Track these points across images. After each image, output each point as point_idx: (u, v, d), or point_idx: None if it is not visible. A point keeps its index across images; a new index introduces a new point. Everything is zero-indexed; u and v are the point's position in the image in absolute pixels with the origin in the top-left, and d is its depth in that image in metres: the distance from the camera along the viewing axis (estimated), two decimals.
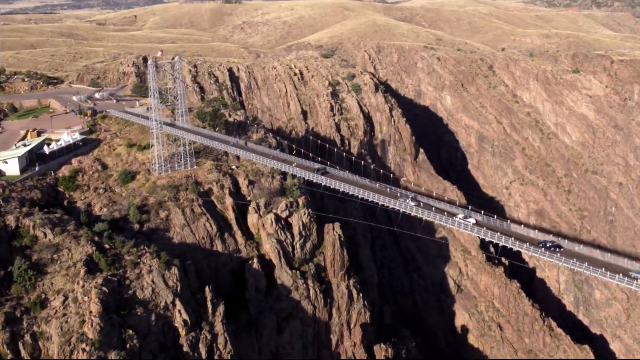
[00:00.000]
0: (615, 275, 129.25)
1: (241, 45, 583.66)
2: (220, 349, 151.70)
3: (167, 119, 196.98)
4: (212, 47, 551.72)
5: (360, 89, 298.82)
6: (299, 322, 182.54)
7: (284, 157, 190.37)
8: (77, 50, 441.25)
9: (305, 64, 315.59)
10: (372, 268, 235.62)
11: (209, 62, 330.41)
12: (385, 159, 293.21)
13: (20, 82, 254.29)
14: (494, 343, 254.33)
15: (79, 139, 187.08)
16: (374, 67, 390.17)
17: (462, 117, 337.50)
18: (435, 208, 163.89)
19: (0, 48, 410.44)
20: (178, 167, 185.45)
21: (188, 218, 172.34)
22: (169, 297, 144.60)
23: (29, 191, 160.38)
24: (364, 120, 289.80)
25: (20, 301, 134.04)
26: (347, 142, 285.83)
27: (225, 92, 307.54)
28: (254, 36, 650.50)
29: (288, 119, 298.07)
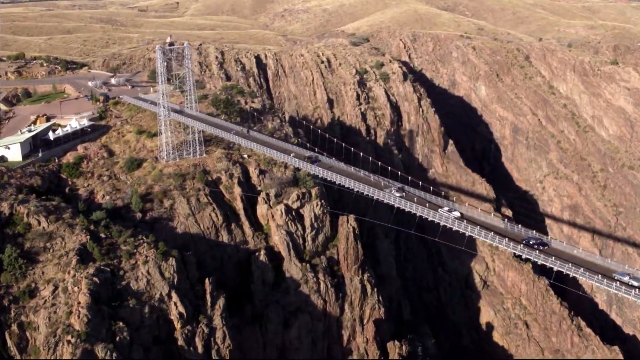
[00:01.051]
0: (594, 276, 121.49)
1: (280, 33, 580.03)
2: (219, 344, 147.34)
3: (176, 105, 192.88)
4: (250, 35, 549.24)
5: (389, 78, 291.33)
6: (308, 317, 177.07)
7: (284, 146, 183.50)
8: (110, 36, 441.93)
9: (334, 52, 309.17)
10: (391, 262, 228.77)
11: (236, 49, 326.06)
12: (412, 150, 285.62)
13: (39, 67, 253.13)
14: (519, 341, 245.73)
15: (87, 125, 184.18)
16: (409, 56, 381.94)
17: (497, 108, 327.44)
18: (418, 199, 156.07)
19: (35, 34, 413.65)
20: (187, 155, 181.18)
21: (193, 207, 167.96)
22: (164, 288, 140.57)
23: (29, 178, 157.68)
24: (391, 110, 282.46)
25: (9, 290, 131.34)
26: (373, 132, 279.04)
27: (252, 79, 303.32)
28: (293, 24, 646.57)
29: (314, 108, 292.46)
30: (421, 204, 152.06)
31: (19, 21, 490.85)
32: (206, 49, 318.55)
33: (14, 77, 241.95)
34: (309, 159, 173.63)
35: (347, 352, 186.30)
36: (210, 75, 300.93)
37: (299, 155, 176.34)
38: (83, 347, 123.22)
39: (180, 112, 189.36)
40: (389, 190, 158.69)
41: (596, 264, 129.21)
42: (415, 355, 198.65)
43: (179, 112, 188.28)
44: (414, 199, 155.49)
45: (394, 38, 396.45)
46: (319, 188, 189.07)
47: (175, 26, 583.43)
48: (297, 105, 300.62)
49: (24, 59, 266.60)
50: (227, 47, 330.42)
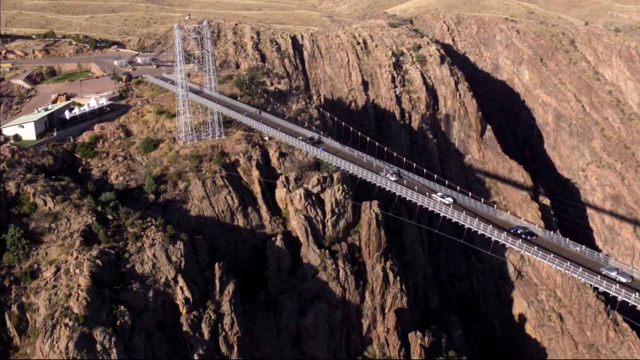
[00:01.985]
0: (577, 269, 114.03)
1: (326, 14, 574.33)
2: (226, 330, 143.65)
3: (196, 86, 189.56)
4: (295, 15, 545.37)
5: (425, 61, 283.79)
6: (326, 304, 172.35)
7: (294, 128, 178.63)
8: (152, 15, 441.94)
9: (370, 33, 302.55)
10: (418, 250, 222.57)
11: (272, 29, 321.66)
12: (449, 135, 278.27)
13: (67, 46, 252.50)
14: (552, 334, 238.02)
15: (105, 104, 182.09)
16: (453, 38, 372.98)
17: (540, 94, 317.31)
18: (412, 184, 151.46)
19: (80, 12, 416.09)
20: (205, 137, 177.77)
21: (208, 190, 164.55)
22: (170, 272, 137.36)
23: (40, 157, 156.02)
24: (427, 93, 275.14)
25: (11, 270, 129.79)
26: (408, 116, 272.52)
27: (287, 60, 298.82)
28: (341, 5, 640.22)
29: (349, 90, 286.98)
30: (416, 189, 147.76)
31: (64, 0, 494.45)
32: (242, 29, 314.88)
33: (41, 55, 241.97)
34: (310, 140, 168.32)
35: (366, 342, 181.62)
36: (245, 56, 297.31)
37: (305, 137, 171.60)
38: (81, 331, 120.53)
39: (199, 92, 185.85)
40: (384, 174, 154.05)
41: (585, 257, 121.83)
42: (439, 346, 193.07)
43: (197, 92, 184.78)
44: (409, 183, 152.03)
45: (437, 20, 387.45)
46: (341, 173, 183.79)
47: (221, 6, 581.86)
48: (332, 87, 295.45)
49: (53, 37, 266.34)
50: (264, 27, 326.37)
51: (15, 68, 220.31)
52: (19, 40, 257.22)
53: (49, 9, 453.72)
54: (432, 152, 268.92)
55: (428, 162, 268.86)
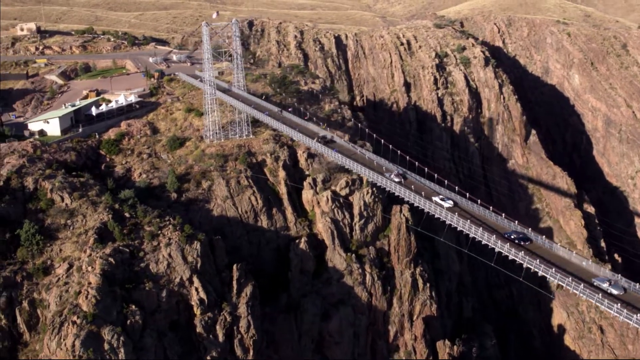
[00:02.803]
0: (565, 279, 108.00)
1: (380, 15, 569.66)
2: (242, 333, 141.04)
3: (225, 84, 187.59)
4: (348, 15, 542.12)
5: (470, 62, 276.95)
6: (351, 309, 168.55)
7: (313, 129, 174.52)
8: (202, 13, 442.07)
9: (415, 34, 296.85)
10: (452, 256, 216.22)
11: (316, 29, 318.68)
12: (492, 139, 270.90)
13: (105, 42, 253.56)
14: (592, 347, 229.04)
15: (134, 101, 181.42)
16: (503, 41, 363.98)
17: (589, 98, 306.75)
18: (415, 187, 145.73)
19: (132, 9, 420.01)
20: (232, 136, 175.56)
21: (232, 190, 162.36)
22: (185, 273, 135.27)
23: (63, 153, 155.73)
24: (470, 96, 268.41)
25: (24, 266, 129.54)
26: (450, 119, 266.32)
27: (330, 59, 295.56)
28: (395, 5, 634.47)
29: (391, 91, 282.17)
30: (413, 189, 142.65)
31: None
32: (285, 27, 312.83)
33: (78, 51, 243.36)
34: (322, 139, 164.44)
35: (393, 349, 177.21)
36: (288, 55, 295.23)
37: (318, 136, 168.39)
38: (89, 329, 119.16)
39: (228, 90, 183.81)
40: (388, 175, 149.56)
41: (579, 265, 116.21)
42: (469, 356, 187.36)
43: (225, 90, 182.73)
44: (415, 186, 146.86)
45: (488, 22, 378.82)
46: None
47: (274, 5, 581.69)
48: (374, 88, 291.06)
49: (92, 34, 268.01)
50: (308, 26, 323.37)
51: (51, 64, 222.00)
52: (58, 36, 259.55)
53: (101, 6, 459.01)
54: (474, 156, 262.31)
55: (469, 166, 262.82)
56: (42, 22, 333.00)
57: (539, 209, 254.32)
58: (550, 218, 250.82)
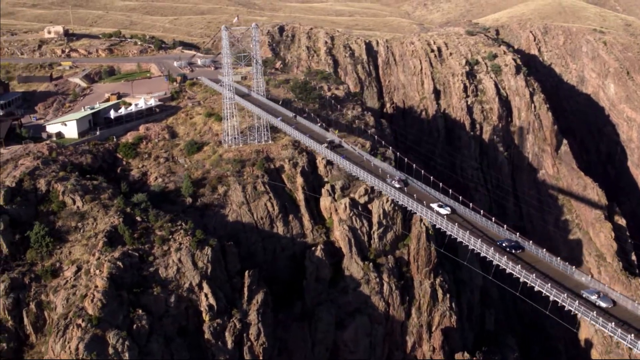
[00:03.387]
0: (552, 290, 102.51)
1: (418, 22, 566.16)
2: (252, 340, 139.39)
3: (245, 89, 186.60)
4: (385, 22, 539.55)
5: (500, 70, 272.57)
6: (367, 319, 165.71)
7: (325, 135, 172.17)
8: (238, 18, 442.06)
9: (446, 41, 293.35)
10: (476, 268, 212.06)
11: (347, 35, 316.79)
12: (522, 148, 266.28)
13: (132, 46, 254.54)
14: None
15: (154, 104, 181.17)
16: (539, 49, 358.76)
17: (625, 108, 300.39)
18: (416, 193, 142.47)
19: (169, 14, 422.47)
20: (251, 141, 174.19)
21: (248, 195, 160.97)
22: (195, 278, 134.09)
23: (79, 155, 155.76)
24: (500, 104, 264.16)
25: (33, 268, 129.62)
26: (479, 127, 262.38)
27: (360, 66, 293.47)
28: (434, 13, 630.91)
29: (420, 98, 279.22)
30: (419, 198, 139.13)
31: (156, 1, 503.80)
32: (316, 33, 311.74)
33: (104, 54, 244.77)
34: (330, 144, 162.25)
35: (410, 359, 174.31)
36: (318, 61, 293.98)
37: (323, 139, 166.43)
38: (93, 332, 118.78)
39: (247, 95, 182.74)
40: (390, 181, 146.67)
41: (569, 276, 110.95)
42: None
43: (244, 95, 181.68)
44: (415, 192, 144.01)
45: (524, 30, 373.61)
46: None
47: (312, 11, 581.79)
48: (404, 95, 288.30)
49: (119, 37, 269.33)
50: (339, 32, 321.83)
51: (75, 66, 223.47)
52: (85, 39, 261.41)
53: (138, 10, 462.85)
54: (502, 165, 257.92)
55: (498, 175, 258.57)
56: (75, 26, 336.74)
57: (569, 221, 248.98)
58: (580, 230, 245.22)
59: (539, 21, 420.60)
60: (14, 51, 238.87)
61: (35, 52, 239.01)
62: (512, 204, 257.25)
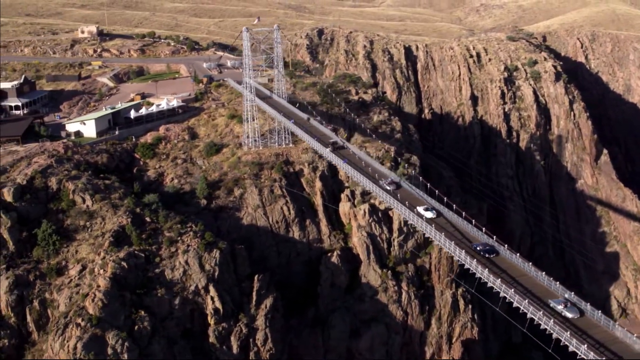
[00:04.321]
0: (515, 296, 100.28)
1: (469, 28, 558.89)
2: (258, 345, 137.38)
3: (267, 91, 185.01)
4: (434, 28, 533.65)
5: (540, 77, 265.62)
6: (384, 327, 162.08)
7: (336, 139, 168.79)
8: (284, 21, 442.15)
9: (486, 46, 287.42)
10: None
11: (386, 39, 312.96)
12: (560, 157, 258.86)
13: (164, 47, 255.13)
14: None
15: (176, 105, 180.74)
16: (586, 56, 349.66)
17: None
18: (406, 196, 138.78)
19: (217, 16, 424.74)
20: (272, 144, 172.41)
21: (265, 199, 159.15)
22: (201, 281, 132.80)
23: (95, 154, 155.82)
24: (538, 112, 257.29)
25: (39, 265, 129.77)
26: (516, 135, 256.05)
27: (399, 70, 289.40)
28: (486, 19, 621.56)
29: (458, 104, 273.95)
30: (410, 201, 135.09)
31: (206, 4, 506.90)
32: (355, 37, 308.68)
33: (136, 55, 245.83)
34: (332, 145, 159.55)
35: None
36: (356, 65, 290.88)
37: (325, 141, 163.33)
38: (92, 332, 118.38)
39: (268, 97, 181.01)
40: (382, 182, 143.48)
41: (540, 284, 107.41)
42: None
43: (265, 97, 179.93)
44: (406, 195, 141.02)
45: (571, 37, 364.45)
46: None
47: (362, 16, 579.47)
48: (442, 100, 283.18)
49: (153, 38, 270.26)
50: (379, 36, 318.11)
51: (105, 66, 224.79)
52: (118, 39, 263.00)
53: (186, 12, 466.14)
54: (539, 174, 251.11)
55: (534, 183, 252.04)
56: (120, 27, 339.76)
57: (606, 232, 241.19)
58: (618, 242, 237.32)
59: (591, 29, 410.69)
60: (46, 50, 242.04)
61: (67, 52, 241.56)
62: (549, 213, 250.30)
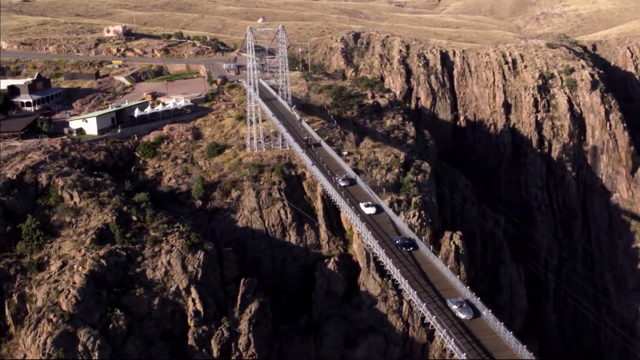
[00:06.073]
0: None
1: (524, 36, 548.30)
2: (240, 350, 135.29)
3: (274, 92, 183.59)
4: (489, 35, 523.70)
5: (576, 86, 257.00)
6: (382, 338, 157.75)
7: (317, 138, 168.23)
8: (332, 25, 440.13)
9: (522, 53, 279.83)
10: (518, 292, 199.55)
11: (422, 44, 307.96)
12: (595, 169, 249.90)
13: (189, 47, 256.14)
14: None
15: (184, 105, 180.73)
16: (636, 66, 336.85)
17: None
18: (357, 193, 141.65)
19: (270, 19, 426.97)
20: (275, 146, 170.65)
21: (261, 202, 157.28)
22: (182, 282, 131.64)
23: (92, 152, 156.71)
24: (572, 121, 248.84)
25: (21, 260, 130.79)
26: (548, 144, 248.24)
27: (434, 76, 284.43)
28: (544, 27, 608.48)
29: (491, 112, 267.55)
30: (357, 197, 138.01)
31: (260, 7, 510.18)
32: (391, 41, 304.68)
33: (160, 54, 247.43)
34: (305, 142, 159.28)
35: None
36: (390, 70, 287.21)
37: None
38: (64, 328, 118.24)
39: (273, 99, 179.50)
40: (337, 178, 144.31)
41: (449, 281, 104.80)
42: None
43: (269, 99, 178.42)
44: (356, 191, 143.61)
45: (621, 46, 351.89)
46: (421, 197, 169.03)
47: (419, 22, 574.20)
48: (476, 107, 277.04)
49: (179, 38, 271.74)
50: (415, 41, 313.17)
51: (125, 65, 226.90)
52: (144, 39, 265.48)
53: (238, 15, 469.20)
54: (570, 185, 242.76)
55: (564, 195, 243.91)
56: (167, 28, 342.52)
57: (639, 248, 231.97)
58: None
59: None
60: (70, 49, 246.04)
61: (91, 50, 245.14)
62: (580, 226, 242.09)
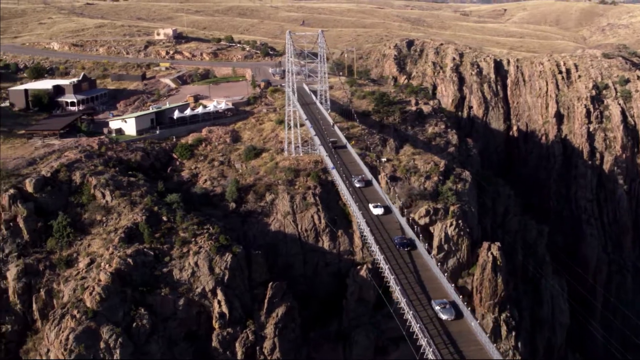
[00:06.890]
0: None
1: (588, 46, 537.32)
2: (265, 354, 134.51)
3: (314, 97, 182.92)
4: (550, 45, 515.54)
5: (630, 97, 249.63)
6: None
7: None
8: (392, 33, 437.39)
9: (577, 62, 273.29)
10: (560, 306, 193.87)
11: (477, 52, 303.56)
12: None
13: (238, 51, 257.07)
14: None
15: (224, 108, 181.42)
16: None
17: None
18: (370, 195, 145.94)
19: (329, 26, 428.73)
20: (313, 151, 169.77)
21: (296, 206, 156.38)
22: (209, 284, 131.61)
23: (129, 152, 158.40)
24: (625, 133, 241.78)
25: (50, 256, 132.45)
26: (599, 156, 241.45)
27: (487, 85, 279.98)
28: (609, 38, 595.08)
29: (543, 122, 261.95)
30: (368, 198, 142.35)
31: (322, 14, 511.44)
32: (445, 49, 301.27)
33: (208, 58, 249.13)
34: (332, 144, 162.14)
35: None
36: (443, 78, 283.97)
37: None
38: (87, 325, 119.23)
39: (312, 104, 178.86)
40: (353, 179, 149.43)
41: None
42: None
43: (309, 104, 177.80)
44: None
45: None
46: (460, 207, 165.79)
47: (482, 31, 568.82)
48: (528, 117, 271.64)
49: (228, 42, 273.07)
50: (470, 49, 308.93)
51: (172, 68, 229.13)
52: (193, 42, 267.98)
53: (298, 21, 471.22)
54: (621, 199, 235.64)
55: (615, 209, 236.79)
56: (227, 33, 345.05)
57: None
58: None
59: None
60: (119, 50, 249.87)
61: (140, 53, 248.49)
62: (630, 241, 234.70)
